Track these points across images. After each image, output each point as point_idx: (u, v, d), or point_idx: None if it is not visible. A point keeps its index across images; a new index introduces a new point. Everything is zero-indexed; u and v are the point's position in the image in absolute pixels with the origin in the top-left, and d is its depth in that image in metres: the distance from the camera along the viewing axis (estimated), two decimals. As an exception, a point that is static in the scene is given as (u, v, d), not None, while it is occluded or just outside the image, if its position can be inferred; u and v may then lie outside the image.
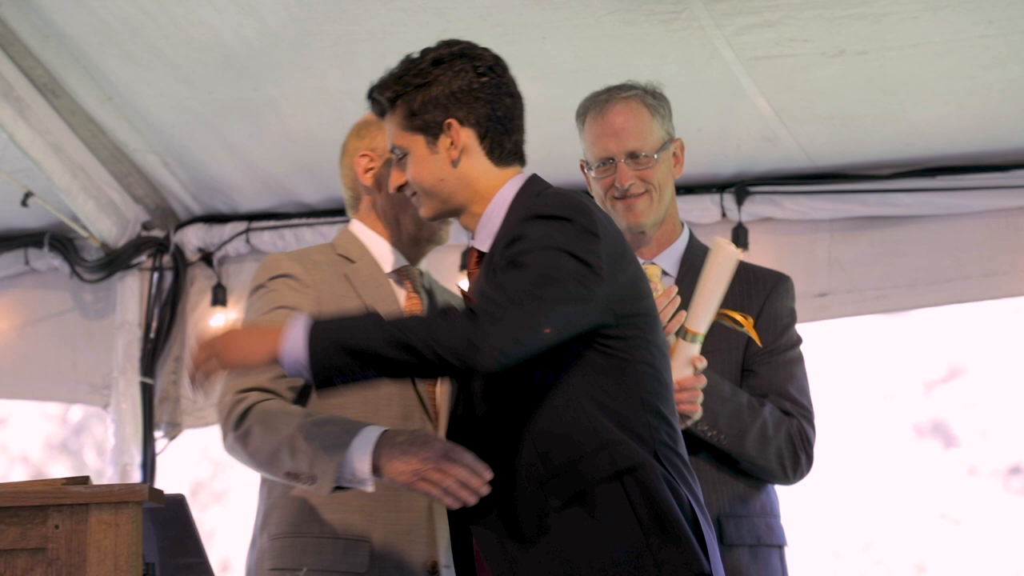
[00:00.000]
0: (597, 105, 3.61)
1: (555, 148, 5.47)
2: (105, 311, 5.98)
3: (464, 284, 3.23)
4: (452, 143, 3.02)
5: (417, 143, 3.06)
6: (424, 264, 3.48)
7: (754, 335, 3.45)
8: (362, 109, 5.20)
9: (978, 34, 4.56)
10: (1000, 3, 4.40)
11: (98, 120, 5.47)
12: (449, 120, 3.02)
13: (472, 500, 2.89)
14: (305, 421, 3.09)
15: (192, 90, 5.16)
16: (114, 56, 5.07)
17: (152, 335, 5.90)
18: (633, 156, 3.54)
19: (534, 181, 3.07)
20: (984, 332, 6.56)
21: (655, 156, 3.54)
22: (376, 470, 2.97)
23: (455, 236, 5.69)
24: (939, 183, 5.35)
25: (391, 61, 4.96)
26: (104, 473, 5.94)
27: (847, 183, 5.37)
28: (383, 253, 3.42)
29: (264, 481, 3.32)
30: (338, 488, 3.03)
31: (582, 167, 3.68)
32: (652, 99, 3.60)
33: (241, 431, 3.13)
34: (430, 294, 3.48)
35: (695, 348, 3.36)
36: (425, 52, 3.10)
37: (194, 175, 5.71)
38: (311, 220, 5.87)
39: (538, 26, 4.63)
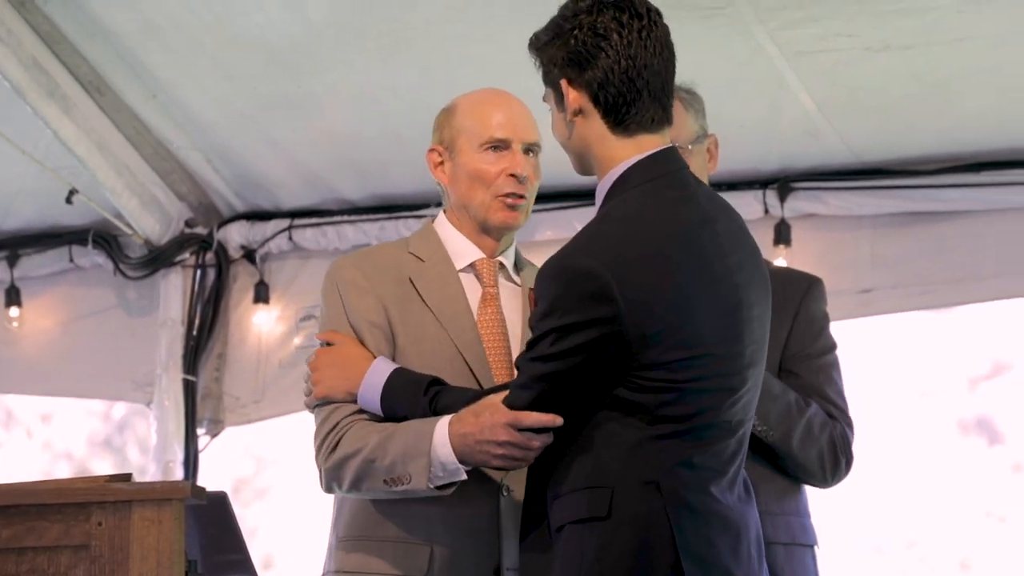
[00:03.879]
0: None
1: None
2: (148, 308, 6.01)
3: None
4: (568, 104, 2.88)
5: (550, 99, 2.95)
6: (507, 255, 3.39)
7: None
8: (405, 105, 5.23)
9: (1023, 28, 4.52)
10: (1047, -4, 4.37)
11: (142, 117, 5.49)
12: (562, 80, 2.88)
13: (529, 459, 2.89)
14: (388, 428, 3.11)
15: (235, 87, 5.17)
16: (158, 53, 5.09)
17: (195, 332, 5.92)
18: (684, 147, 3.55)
19: (645, 165, 2.87)
20: (1030, 328, 6.50)
21: (688, 147, 3.54)
22: (462, 460, 3.00)
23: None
24: (984, 178, 5.32)
25: (434, 56, 4.99)
26: (147, 470, 5.96)
27: (891, 179, 5.34)
28: (458, 248, 3.35)
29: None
30: (442, 487, 3.05)
31: None
32: (685, 94, 3.60)
33: (331, 464, 3.15)
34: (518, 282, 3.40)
35: None
36: (563, 4, 2.93)
37: (237, 172, 5.73)
38: (354, 217, 5.87)
39: (580, 22, 4.61)
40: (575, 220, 5.66)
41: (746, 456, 2.96)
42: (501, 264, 3.37)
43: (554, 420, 2.83)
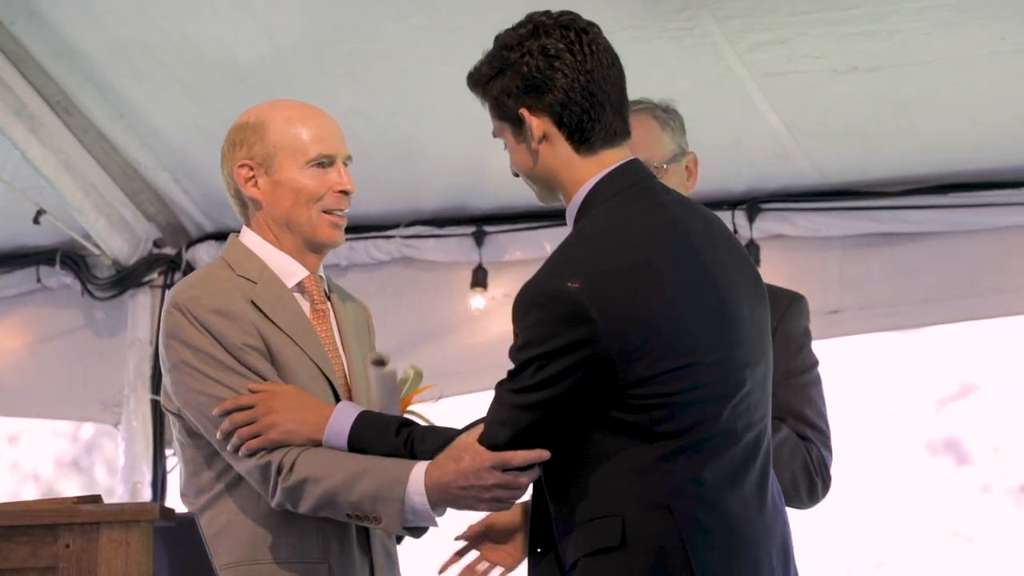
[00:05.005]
0: None
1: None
2: (116, 329, 5.98)
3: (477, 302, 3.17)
4: (531, 132, 2.85)
5: (506, 132, 2.90)
6: (320, 268, 3.39)
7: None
8: (373, 128, 5.23)
9: (991, 50, 4.56)
10: (1013, 19, 4.40)
11: (110, 137, 5.47)
12: (521, 110, 2.85)
13: (518, 497, 2.86)
14: (353, 465, 3.07)
15: (204, 108, 5.16)
16: (126, 74, 5.08)
17: (164, 353, 5.90)
18: (654, 167, 3.56)
19: (610, 180, 2.85)
20: (997, 349, 6.53)
21: (664, 167, 3.54)
22: (441, 504, 2.98)
23: (464, 253, 5.74)
24: (951, 200, 5.35)
25: (403, 80, 4.99)
26: (115, 491, 5.93)
27: (859, 200, 5.36)
28: (282, 265, 3.31)
29: (203, 509, 3.24)
30: (408, 530, 3.05)
31: None
32: (662, 112, 3.61)
33: (291, 483, 3.09)
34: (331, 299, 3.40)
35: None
36: (498, 35, 2.93)
37: (206, 192, 5.72)
38: (322, 237, 5.85)
39: (550, 43, 4.62)
40: (544, 240, 5.68)
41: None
42: (321, 278, 3.37)
43: (540, 455, 2.79)
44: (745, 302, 2.85)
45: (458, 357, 5.67)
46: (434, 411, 3.42)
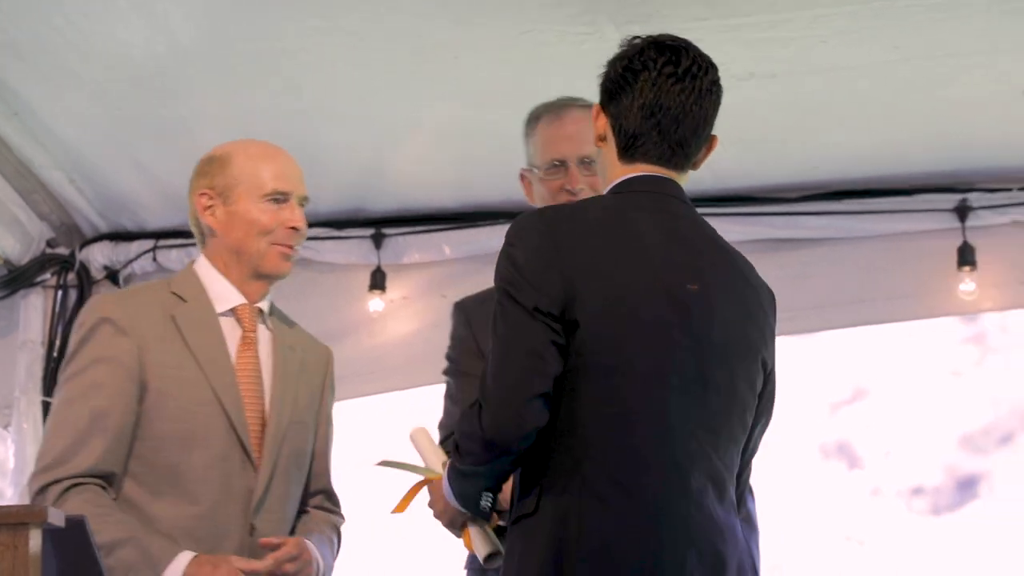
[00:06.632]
0: (553, 110, 3.69)
1: (467, 167, 5.48)
2: (7, 330, 5.89)
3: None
4: (597, 127, 3.09)
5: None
6: (266, 302, 3.51)
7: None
8: (272, 128, 5.18)
9: (884, 59, 4.62)
10: (905, 28, 4.46)
11: (3, 136, 5.38)
12: (598, 104, 3.09)
13: None
14: (120, 533, 3.19)
15: (100, 106, 5.10)
16: (20, 71, 5.00)
17: (55, 354, 5.81)
18: (584, 162, 3.61)
19: (627, 182, 3.05)
20: (888, 354, 6.63)
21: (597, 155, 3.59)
22: None
23: (363, 255, 5.72)
24: (845, 206, 5.41)
25: (303, 80, 4.96)
26: (4, 494, 5.84)
27: (755, 205, 5.41)
28: (220, 291, 3.46)
29: None
30: None
31: (524, 175, 3.70)
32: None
33: (53, 493, 3.24)
34: (281, 329, 3.52)
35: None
36: (630, 39, 3.13)
37: (100, 192, 5.65)
38: (219, 238, 5.82)
39: (451, 45, 4.62)
40: (443, 243, 5.68)
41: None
42: (260, 310, 3.48)
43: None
44: (719, 312, 2.95)
45: (356, 360, 5.65)
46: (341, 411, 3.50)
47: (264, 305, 3.50)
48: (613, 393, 2.83)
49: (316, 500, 3.59)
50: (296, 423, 3.47)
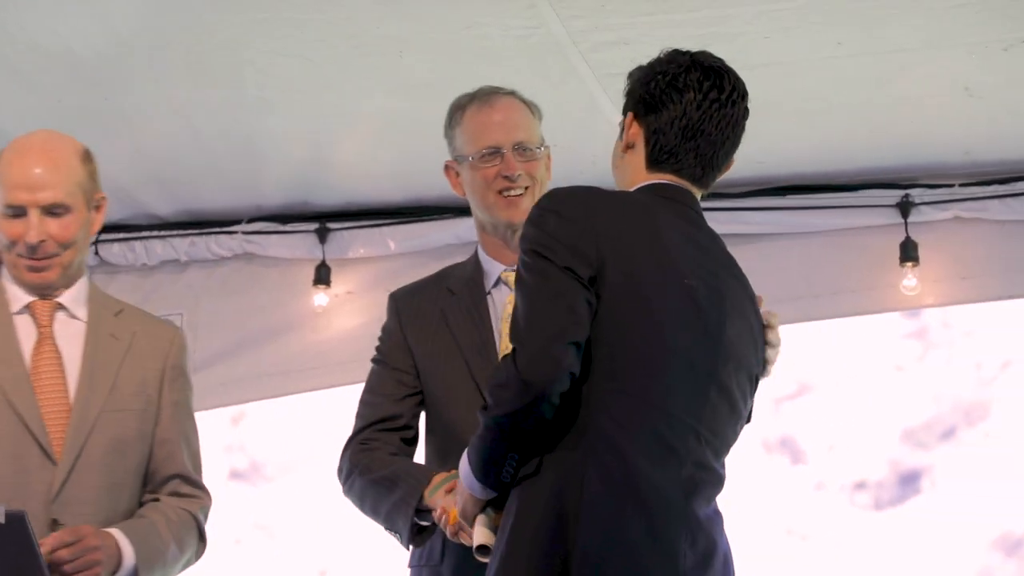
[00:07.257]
0: (480, 98, 3.66)
1: (413, 162, 5.45)
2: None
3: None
4: (626, 135, 3.13)
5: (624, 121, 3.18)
6: (68, 294, 3.47)
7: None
8: (215, 120, 5.15)
9: (828, 55, 4.63)
10: (849, 24, 4.47)
11: (-61, 128, 5.33)
12: (630, 112, 3.12)
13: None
14: None
15: (39, 98, 5.04)
16: (-42, 63, 4.94)
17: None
18: (519, 148, 3.60)
19: (649, 187, 3.09)
20: (832, 349, 6.65)
21: (537, 151, 3.58)
22: None
23: (308, 249, 5.69)
24: (789, 202, 5.43)
25: (244, 72, 4.92)
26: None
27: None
28: (14, 291, 3.44)
29: None
30: None
31: (450, 166, 3.67)
32: (530, 102, 3.70)
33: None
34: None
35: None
36: (671, 51, 3.19)
37: (41, 185, 5.58)
38: (162, 232, 5.79)
39: (395, 39, 4.60)
40: (389, 237, 5.66)
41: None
42: (59, 305, 3.44)
43: None
44: (729, 318, 3.03)
45: (300, 355, 5.62)
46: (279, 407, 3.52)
47: (67, 298, 3.46)
48: (620, 373, 2.86)
49: (171, 486, 3.51)
50: (113, 412, 3.40)
